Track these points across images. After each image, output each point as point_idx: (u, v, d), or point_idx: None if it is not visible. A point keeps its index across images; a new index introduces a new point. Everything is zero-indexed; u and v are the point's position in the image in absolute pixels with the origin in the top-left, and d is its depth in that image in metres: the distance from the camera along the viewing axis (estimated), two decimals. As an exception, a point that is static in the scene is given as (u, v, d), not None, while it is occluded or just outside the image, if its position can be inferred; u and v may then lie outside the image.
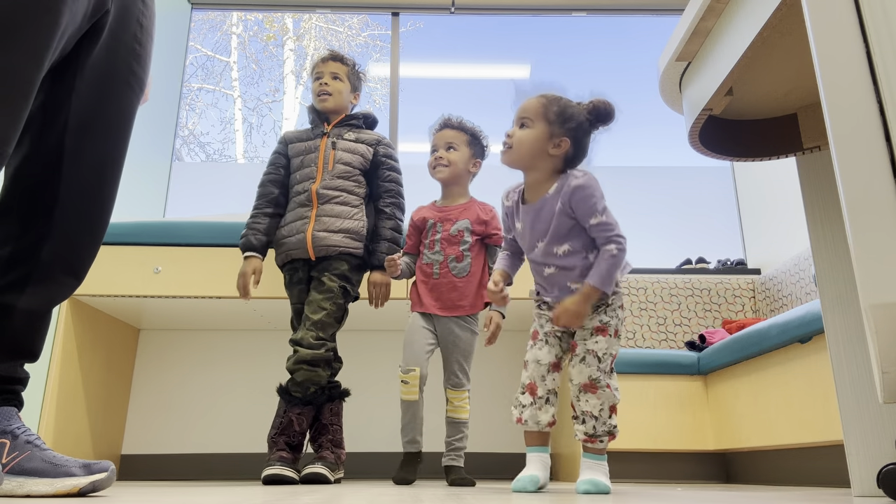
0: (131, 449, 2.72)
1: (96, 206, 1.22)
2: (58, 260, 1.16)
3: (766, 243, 3.37)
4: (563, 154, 1.58)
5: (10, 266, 1.12)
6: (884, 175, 0.78)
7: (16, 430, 1.07)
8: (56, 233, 1.15)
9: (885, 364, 0.76)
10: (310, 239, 2.08)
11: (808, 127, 1.42)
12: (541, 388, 1.58)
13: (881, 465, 1.10)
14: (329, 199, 2.13)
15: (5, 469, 1.02)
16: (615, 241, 1.52)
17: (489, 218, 2.14)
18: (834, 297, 1.34)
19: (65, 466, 1.05)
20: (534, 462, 1.56)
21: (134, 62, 1.27)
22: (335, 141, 2.21)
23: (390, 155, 2.26)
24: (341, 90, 2.26)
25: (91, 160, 1.20)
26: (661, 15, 4.11)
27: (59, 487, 1.03)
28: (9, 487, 1.01)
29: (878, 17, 0.82)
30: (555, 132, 1.57)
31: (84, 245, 1.21)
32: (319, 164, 2.17)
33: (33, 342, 1.15)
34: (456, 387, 2.05)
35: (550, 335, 1.62)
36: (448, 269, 2.08)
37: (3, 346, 1.11)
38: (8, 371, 1.12)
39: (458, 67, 4.32)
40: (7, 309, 1.11)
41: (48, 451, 1.07)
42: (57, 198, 1.15)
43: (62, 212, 1.16)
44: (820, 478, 2.06)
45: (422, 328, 2.07)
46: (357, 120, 2.30)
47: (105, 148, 1.23)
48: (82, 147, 1.19)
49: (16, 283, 1.12)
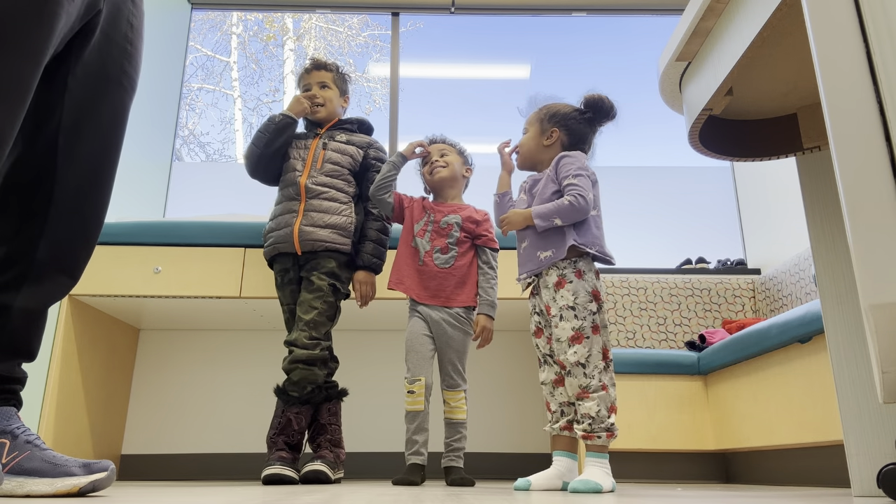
0: (131, 449, 2.72)
1: (90, 206, 1.22)
2: (52, 260, 1.16)
3: (766, 243, 3.37)
4: (558, 142, 1.83)
5: (4, 266, 1.12)
6: (884, 175, 0.78)
7: (15, 429, 1.08)
8: (50, 233, 1.15)
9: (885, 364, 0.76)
10: (296, 233, 2.09)
11: (808, 127, 1.42)
12: (553, 404, 1.73)
13: (881, 465, 1.10)
14: (317, 194, 2.14)
15: (5, 469, 1.02)
16: (575, 195, 1.66)
17: (481, 219, 2.17)
18: (834, 297, 1.33)
19: (64, 466, 1.05)
20: (554, 464, 1.68)
21: (126, 62, 1.27)
22: (326, 142, 2.24)
23: (380, 158, 2.29)
24: (331, 97, 2.31)
25: (85, 160, 1.20)
26: (661, 15, 4.11)
27: (59, 487, 1.02)
28: (9, 487, 1.01)
29: (878, 17, 0.82)
30: (545, 128, 1.85)
31: (79, 245, 1.21)
32: (308, 160, 2.19)
33: (30, 342, 1.15)
34: (451, 387, 2.05)
35: (546, 356, 1.75)
36: (431, 259, 2.11)
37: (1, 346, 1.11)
38: (6, 371, 1.12)
39: (458, 67, 4.32)
40: (4, 309, 1.11)
41: (48, 450, 1.07)
42: (51, 198, 1.15)
43: (56, 212, 1.16)
44: (820, 478, 2.06)
45: (422, 335, 2.07)
46: (351, 125, 2.33)
47: (99, 148, 1.22)
48: (76, 147, 1.19)
49: (11, 283, 1.12)
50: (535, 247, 1.73)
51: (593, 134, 1.86)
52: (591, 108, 1.84)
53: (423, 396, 2.00)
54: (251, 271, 2.37)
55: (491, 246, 2.17)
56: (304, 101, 2.25)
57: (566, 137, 1.83)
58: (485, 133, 4.01)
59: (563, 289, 1.65)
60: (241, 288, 2.36)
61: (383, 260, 2.21)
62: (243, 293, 2.36)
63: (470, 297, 2.11)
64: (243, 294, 2.36)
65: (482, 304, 2.10)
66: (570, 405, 1.69)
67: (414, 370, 2.03)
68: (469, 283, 2.12)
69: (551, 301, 1.67)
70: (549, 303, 1.68)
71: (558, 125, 1.83)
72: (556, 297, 1.66)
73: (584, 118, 1.84)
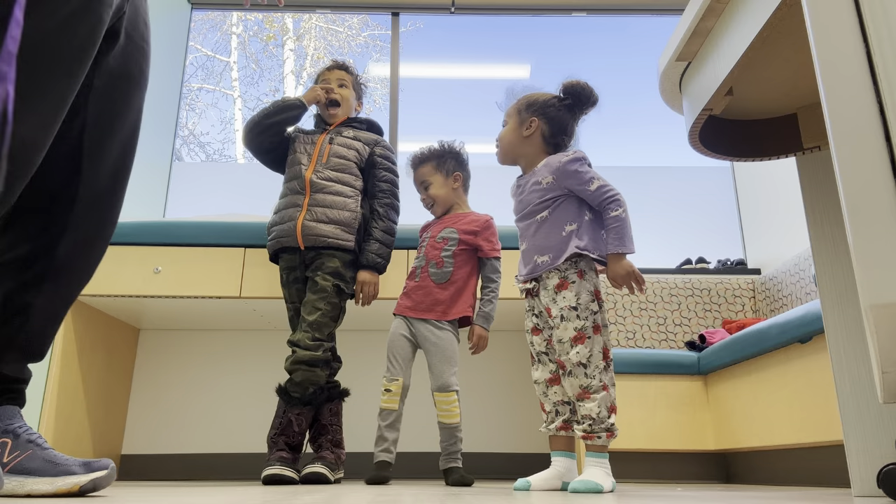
0: (131, 449, 2.72)
1: (108, 206, 1.23)
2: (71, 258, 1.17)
3: (766, 243, 3.37)
4: (538, 132, 1.77)
5: (27, 264, 1.13)
6: (884, 175, 0.78)
7: (17, 429, 1.09)
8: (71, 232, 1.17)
9: (885, 364, 0.76)
10: (300, 227, 2.08)
11: (808, 127, 1.42)
12: (547, 405, 1.71)
13: (881, 465, 1.10)
14: (322, 188, 2.13)
15: (6, 468, 1.03)
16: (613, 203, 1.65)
17: (479, 228, 2.13)
18: (834, 297, 1.33)
19: (65, 465, 1.05)
20: (553, 465, 1.67)
21: (143, 61, 1.28)
22: (333, 137, 2.23)
23: (387, 156, 2.27)
24: (348, 97, 2.31)
25: (108, 160, 1.21)
26: (661, 15, 4.11)
27: (60, 486, 1.03)
28: (10, 486, 1.02)
29: (878, 17, 0.82)
30: (524, 118, 1.79)
31: (96, 244, 1.22)
32: (314, 154, 2.19)
33: (44, 343, 1.17)
34: (441, 389, 2.01)
35: (541, 354, 1.73)
36: (427, 274, 2.10)
37: (17, 346, 1.12)
38: (15, 371, 1.13)
39: (458, 67, 4.32)
40: (24, 307, 1.12)
41: (49, 449, 1.08)
42: (75, 197, 1.17)
43: (79, 211, 1.17)
44: (820, 478, 2.06)
45: (400, 336, 2.07)
46: (360, 123, 2.32)
47: (119, 149, 1.24)
48: (101, 147, 1.20)
49: (31, 282, 1.13)
50: (533, 250, 1.71)
51: (574, 122, 1.80)
52: (570, 95, 1.78)
53: (399, 397, 2.01)
54: (251, 271, 2.37)
55: (492, 256, 2.12)
56: (320, 90, 2.26)
57: (546, 126, 1.77)
58: (485, 133, 4.00)
59: (566, 290, 1.63)
60: (241, 288, 2.36)
61: (388, 260, 2.19)
62: (243, 293, 2.36)
63: (465, 307, 2.08)
64: (243, 294, 2.36)
65: (479, 317, 2.09)
66: (564, 404, 1.68)
67: (393, 371, 2.04)
68: (466, 294, 2.09)
69: (552, 303, 1.65)
70: (550, 304, 1.66)
71: (536, 114, 1.77)
72: (556, 298, 1.64)
73: (563, 105, 1.78)
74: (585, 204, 1.69)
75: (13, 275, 1.12)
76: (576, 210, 1.68)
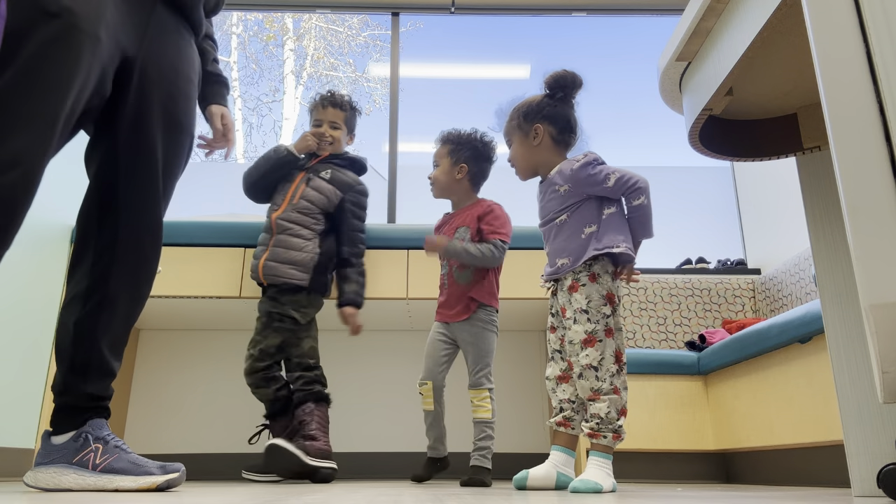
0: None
1: (151, 244, 1.41)
2: (121, 290, 1.34)
3: (766, 243, 3.37)
4: (546, 136, 1.76)
5: (88, 295, 1.32)
6: (884, 175, 0.78)
7: (106, 436, 1.31)
8: (119, 267, 1.34)
9: (885, 364, 0.76)
10: (261, 267, 2.19)
11: (808, 127, 1.42)
12: (554, 401, 1.73)
13: (881, 465, 1.10)
14: (285, 230, 2.23)
15: (99, 468, 1.26)
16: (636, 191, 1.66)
17: (481, 213, 2.13)
18: (834, 297, 1.33)
19: (145, 466, 1.27)
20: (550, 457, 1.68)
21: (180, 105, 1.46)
22: (311, 177, 2.30)
23: (358, 203, 2.34)
24: (339, 137, 2.39)
25: (155, 191, 1.39)
26: (661, 15, 4.10)
27: (142, 483, 1.24)
28: (102, 482, 1.24)
29: (878, 17, 0.82)
30: (527, 130, 1.78)
31: (141, 276, 1.39)
32: (287, 195, 2.28)
33: (112, 363, 1.35)
34: (474, 386, 2.07)
35: (555, 352, 1.74)
36: (453, 280, 2.13)
37: (95, 369, 1.32)
38: (100, 391, 1.33)
39: (458, 67, 4.32)
40: (91, 334, 1.30)
41: (132, 453, 1.30)
42: (116, 239, 1.34)
43: (121, 252, 1.34)
44: (820, 478, 2.06)
45: (437, 340, 2.13)
46: (342, 161, 2.36)
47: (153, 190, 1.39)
48: (134, 194, 1.36)
49: (93, 312, 1.31)
50: (555, 253, 1.72)
51: (573, 111, 1.80)
52: (559, 87, 1.78)
53: (432, 398, 2.07)
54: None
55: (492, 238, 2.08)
56: (311, 140, 2.34)
57: (551, 127, 1.76)
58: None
59: (577, 292, 1.64)
60: (241, 288, 2.36)
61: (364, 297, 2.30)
62: (243, 293, 2.36)
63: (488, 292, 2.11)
64: (243, 294, 2.36)
65: (461, 244, 2.08)
66: (569, 402, 1.68)
67: (424, 373, 2.11)
68: (487, 279, 2.11)
69: (567, 304, 1.67)
70: (565, 305, 1.67)
71: (537, 119, 1.77)
72: (570, 299, 1.65)
73: (557, 100, 1.78)
74: (605, 200, 1.68)
75: (79, 307, 1.32)
76: (595, 210, 1.68)
